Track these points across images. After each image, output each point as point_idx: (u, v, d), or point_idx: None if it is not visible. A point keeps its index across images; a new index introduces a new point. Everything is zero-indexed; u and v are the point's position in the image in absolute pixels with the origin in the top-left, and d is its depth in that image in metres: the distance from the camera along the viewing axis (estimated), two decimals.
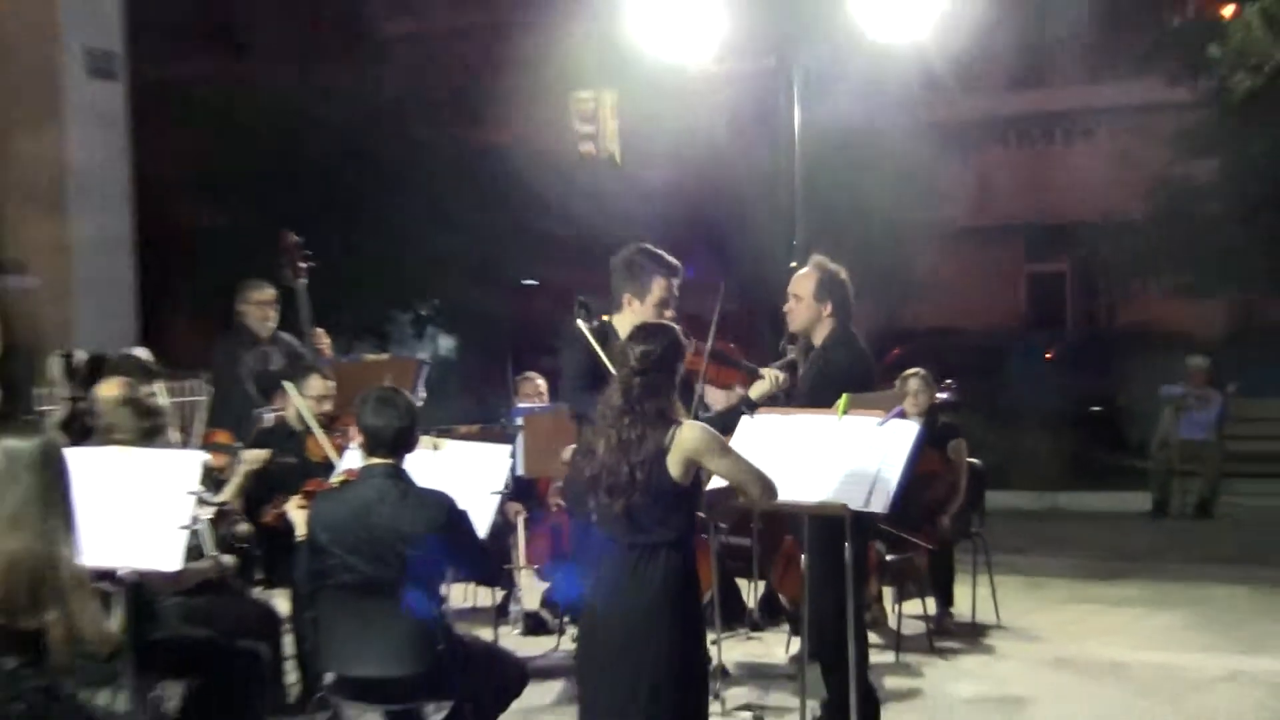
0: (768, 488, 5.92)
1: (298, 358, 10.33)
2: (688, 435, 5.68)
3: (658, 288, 7.45)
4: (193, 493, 6.40)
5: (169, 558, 6.19)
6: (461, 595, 9.79)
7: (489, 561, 7.52)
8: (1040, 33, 24.78)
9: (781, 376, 7.46)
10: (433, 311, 23.23)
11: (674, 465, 5.63)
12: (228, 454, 8.48)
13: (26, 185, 18.85)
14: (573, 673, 7.98)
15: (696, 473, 5.73)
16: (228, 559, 7.69)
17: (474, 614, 9.60)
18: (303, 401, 8.70)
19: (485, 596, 9.86)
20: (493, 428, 9.75)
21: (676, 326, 6.28)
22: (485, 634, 7.66)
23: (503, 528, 9.14)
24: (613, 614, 5.79)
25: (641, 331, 6.02)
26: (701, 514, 6.87)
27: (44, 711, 5.42)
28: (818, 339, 7.65)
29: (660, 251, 7.60)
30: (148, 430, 7.08)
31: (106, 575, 5.93)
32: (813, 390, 7.30)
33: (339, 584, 6.30)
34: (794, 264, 8.41)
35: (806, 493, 6.46)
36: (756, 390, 7.44)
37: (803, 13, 12.68)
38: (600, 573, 5.89)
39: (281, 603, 7.97)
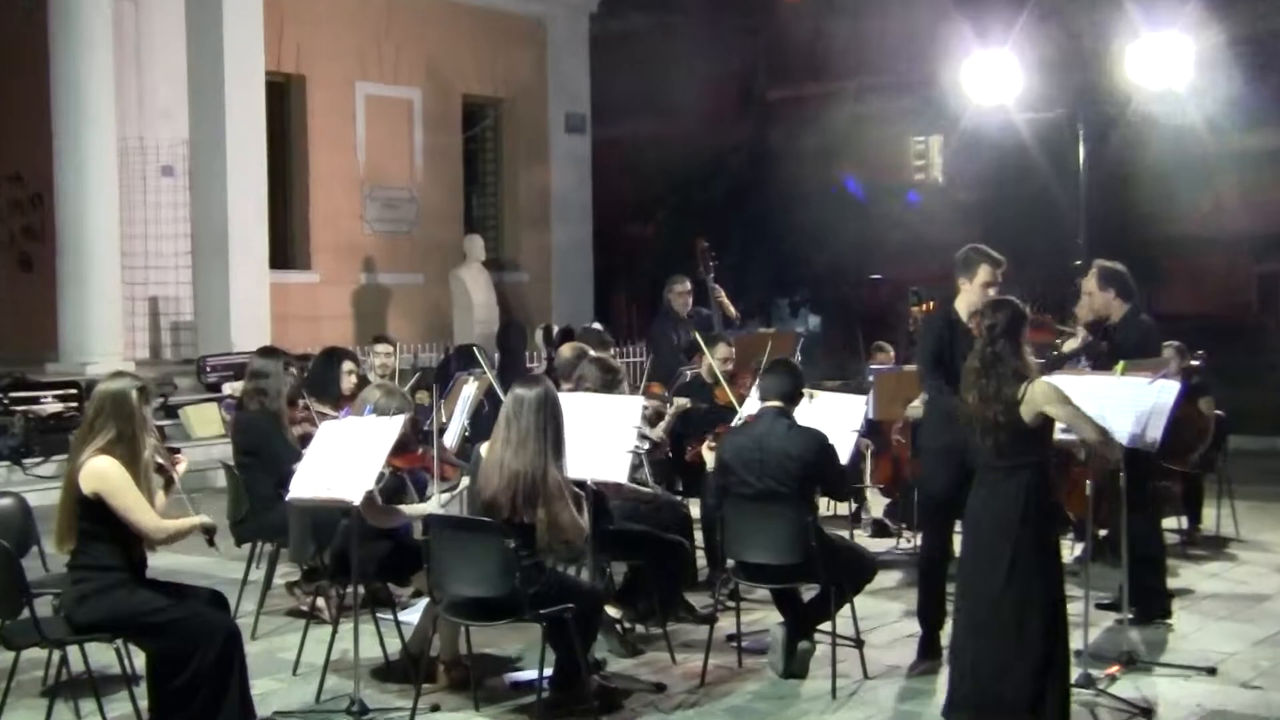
0: (1100, 431, 5.66)
1: (708, 329, 10.30)
2: (1037, 390, 5.37)
3: (983, 273, 6.92)
4: (636, 427, 6.45)
5: (618, 472, 6.26)
6: (824, 506, 9.32)
7: (847, 482, 7.30)
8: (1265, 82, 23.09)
9: (1083, 334, 7.29)
10: (803, 297, 22.78)
11: (1026, 413, 5.36)
12: (661, 400, 8.47)
13: (522, 208, 19.68)
14: (910, 566, 7.87)
15: (1046, 415, 5.41)
16: (659, 488, 7.71)
17: (834, 520, 9.27)
18: (713, 362, 8.68)
19: (843, 508, 9.41)
20: (851, 383, 9.60)
21: (1015, 300, 5.88)
22: (844, 535, 7.38)
23: (856, 457, 8.84)
24: (984, 514, 5.53)
25: (989, 307, 5.69)
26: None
27: (535, 576, 5.58)
28: (1114, 318, 7.34)
29: (987, 248, 7.15)
30: (609, 383, 7.04)
31: (580, 484, 5.98)
32: (1112, 356, 6.92)
33: (739, 495, 6.21)
34: (1078, 261, 7.96)
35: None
36: (1069, 345, 7.27)
37: (1086, 74, 12.42)
38: (979, 485, 5.60)
39: (694, 509, 7.89)
